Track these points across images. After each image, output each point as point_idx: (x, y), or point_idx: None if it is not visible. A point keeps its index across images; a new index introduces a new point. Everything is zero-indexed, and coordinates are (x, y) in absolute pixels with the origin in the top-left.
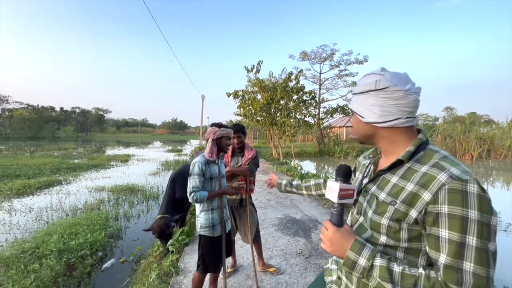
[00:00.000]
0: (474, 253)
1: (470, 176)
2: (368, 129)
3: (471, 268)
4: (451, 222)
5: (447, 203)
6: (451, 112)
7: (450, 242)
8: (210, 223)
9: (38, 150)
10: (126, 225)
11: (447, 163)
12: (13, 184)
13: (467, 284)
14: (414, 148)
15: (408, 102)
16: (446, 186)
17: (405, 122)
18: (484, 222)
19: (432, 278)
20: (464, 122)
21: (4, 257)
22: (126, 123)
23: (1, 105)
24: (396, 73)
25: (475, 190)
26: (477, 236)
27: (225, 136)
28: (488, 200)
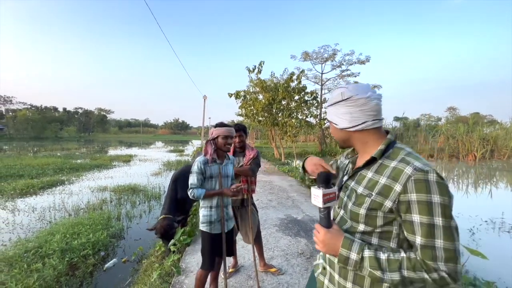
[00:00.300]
0: (442, 231)
1: (429, 167)
2: (343, 134)
3: (442, 244)
4: (420, 207)
5: (415, 192)
6: (454, 112)
7: (422, 224)
8: (208, 220)
9: (41, 150)
10: (128, 225)
11: (411, 158)
12: (16, 184)
13: (440, 258)
14: (384, 146)
15: (370, 107)
16: (412, 177)
17: (372, 124)
18: (445, 204)
19: (413, 259)
20: (467, 122)
21: (8, 256)
22: (128, 124)
23: (5, 105)
24: (358, 85)
25: (434, 178)
26: (441, 216)
27: (220, 135)
28: (445, 186)
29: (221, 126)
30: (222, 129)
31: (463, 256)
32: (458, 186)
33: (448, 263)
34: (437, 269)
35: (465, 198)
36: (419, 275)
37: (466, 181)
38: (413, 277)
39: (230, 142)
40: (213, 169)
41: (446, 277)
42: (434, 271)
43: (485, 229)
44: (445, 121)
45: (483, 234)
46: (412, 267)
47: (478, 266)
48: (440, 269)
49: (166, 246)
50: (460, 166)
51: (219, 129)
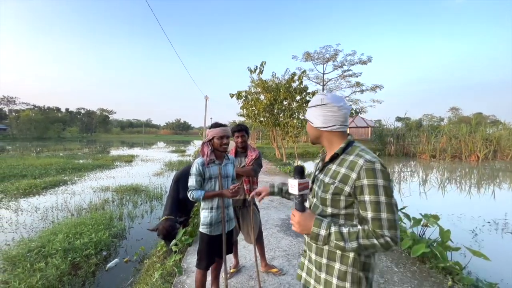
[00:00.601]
0: (385, 207)
1: (376, 159)
2: (316, 132)
3: (385, 216)
4: (369, 189)
5: (366, 178)
6: (456, 113)
7: (371, 202)
8: (208, 221)
9: (44, 150)
10: (130, 225)
11: (363, 153)
12: (19, 184)
13: (385, 227)
14: (345, 145)
15: (340, 115)
16: (363, 167)
17: (339, 128)
18: (386, 186)
19: (366, 230)
20: (469, 122)
21: (11, 255)
22: (130, 124)
23: (8, 106)
24: (335, 95)
25: (379, 167)
26: (385, 195)
27: (215, 135)
28: (387, 173)
29: (215, 127)
30: (216, 129)
31: (465, 257)
32: (461, 186)
33: (391, 230)
34: (383, 235)
35: (467, 199)
36: (371, 241)
37: (469, 181)
38: (367, 244)
39: (226, 142)
40: (213, 170)
41: (389, 241)
42: (381, 237)
43: (488, 230)
44: (447, 122)
45: (486, 235)
46: (366, 236)
47: (480, 267)
48: (385, 235)
49: (168, 247)
50: (463, 166)
51: (214, 129)
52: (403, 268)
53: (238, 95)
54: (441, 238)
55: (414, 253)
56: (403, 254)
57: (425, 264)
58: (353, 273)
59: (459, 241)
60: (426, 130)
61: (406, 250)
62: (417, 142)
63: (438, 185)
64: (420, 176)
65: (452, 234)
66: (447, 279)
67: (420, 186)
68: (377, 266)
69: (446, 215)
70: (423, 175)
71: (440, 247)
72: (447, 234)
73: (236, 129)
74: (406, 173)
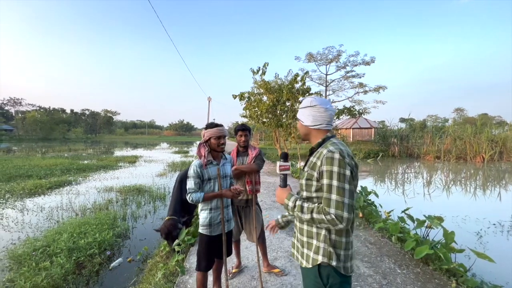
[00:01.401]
0: (336, 189)
1: (336, 150)
2: (306, 129)
3: (335, 197)
4: (326, 174)
5: (325, 164)
6: (461, 114)
7: (326, 185)
8: (208, 222)
9: (49, 151)
10: (133, 225)
11: (330, 145)
12: (25, 184)
13: (332, 206)
14: (321, 140)
15: (327, 115)
16: (325, 156)
17: (325, 127)
18: (340, 173)
19: (319, 206)
20: (475, 123)
21: (17, 254)
22: (134, 125)
23: (15, 107)
24: (323, 98)
25: (337, 156)
26: (337, 180)
27: (212, 136)
28: (344, 162)
29: (211, 127)
30: (213, 129)
31: (470, 259)
32: (466, 188)
33: (337, 210)
34: (329, 212)
35: (472, 200)
36: (321, 216)
37: (474, 183)
38: (318, 218)
39: (223, 142)
40: (211, 170)
41: (334, 219)
42: (328, 214)
43: (493, 232)
44: (452, 122)
45: (491, 237)
46: (317, 212)
47: (485, 269)
48: (330, 212)
49: (170, 247)
50: (468, 168)
51: (210, 130)
52: (406, 270)
53: (241, 96)
54: (445, 240)
55: (418, 255)
56: (406, 255)
57: (429, 266)
58: (324, 248)
59: (464, 243)
60: (431, 131)
61: (410, 251)
62: (421, 143)
63: (443, 187)
64: (425, 177)
65: (457, 236)
66: (451, 281)
67: (424, 188)
68: (352, 246)
69: (450, 217)
70: (427, 177)
71: (444, 249)
72: (451, 235)
73: (240, 127)
74: (410, 174)
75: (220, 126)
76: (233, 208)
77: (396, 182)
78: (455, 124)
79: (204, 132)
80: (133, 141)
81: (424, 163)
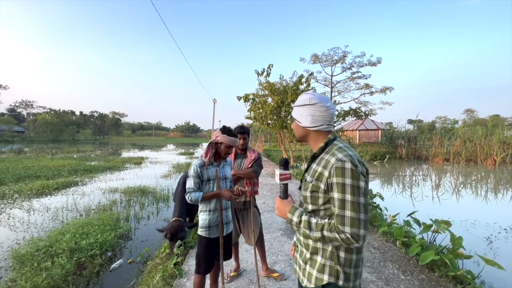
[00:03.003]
0: (350, 205)
1: (347, 157)
2: (303, 131)
3: (349, 214)
4: (337, 187)
5: (335, 176)
6: (471, 115)
7: (338, 200)
8: (206, 224)
9: (58, 152)
10: (136, 226)
11: (337, 151)
12: (33, 184)
13: (347, 223)
14: (324, 144)
15: (328, 115)
16: (334, 166)
17: (326, 128)
18: (354, 185)
19: (331, 223)
20: (486, 125)
21: (20, 254)
22: (141, 127)
23: (26, 109)
24: (322, 95)
25: (349, 166)
26: (351, 194)
27: (225, 143)
28: (357, 172)
29: (229, 135)
30: (228, 138)
31: (479, 265)
32: (476, 191)
33: (352, 228)
34: (343, 231)
35: (483, 204)
36: (333, 235)
37: (485, 186)
38: (330, 236)
39: (231, 152)
40: (211, 171)
41: (350, 238)
42: (342, 233)
43: (504, 237)
44: (462, 124)
45: (502, 242)
46: (329, 229)
47: (495, 277)
48: (345, 231)
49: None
50: (478, 170)
51: (226, 137)
52: (410, 276)
53: (246, 97)
54: (452, 245)
55: (423, 261)
56: (411, 261)
57: (434, 273)
58: (330, 266)
59: (473, 249)
60: (439, 132)
61: (414, 257)
62: (430, 145)
63: (452, 190)
64: (433, 180)
65: (465, 241)
66: None
67: (433, 191)
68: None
69: (459, 221)
70: (436, 179)
71: (451, 255)
72: (458, 241)
73: (239, 131)
74: (418, 177)
75: (236, 137)
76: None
77: (403, 185)
78: (465, 126)
79: (218, 134)
80: (140, 142)
81: (433, 166)
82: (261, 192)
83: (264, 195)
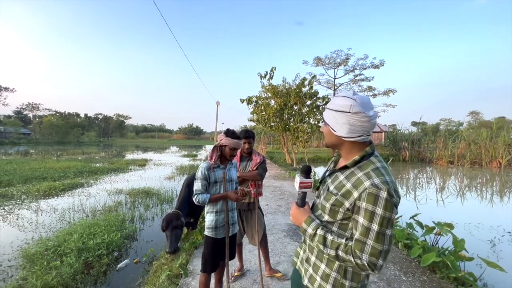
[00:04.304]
0: (375, 235)
1: (385, 185)
2: (337, 140)
3: (371, 243)
4: (365, 213)
5: (366, 201)
6: (476, 117)
7: (362, 225)
8: (213, 225)
9: (63, 154)
10: (141, 227)
11: (374, 174)
12: (40, 186)
13: (366, 252)
14: (359, 158)
15: (370, 125)
16: (367, 190)
17: (364, 138)
18: (385, 217)
19: (348, 245)
20: (490, 127)
21: (30, 254)
22: (145, 129)
23: (33, 112)
24: (364, 99)
25: (384, 195)
26: (378, 224)
27: (229, 145)
28: (391, 203)
29: (232, 137)
30: (232, 141)
31: (481, 268)
32: (481, 194)
33: (371, 257)
34: (361, 258)
35: (488, 207)
36: (349, 257)
37: (490, 189)
38: (344, 257)
39: (236, 154)
40: (217, 174)
41: (365, 265)
42: (359, 259)
43: (508, 240)
44: (466, 126)
45: (505, 245)
46: (345, 251)
47: (497, 279)
48: (363, 258)
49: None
50: (483, 173)
51: (230, 140)
52: (411, 278)
53: (249, 100)
54: (454, 247)
55: (424, 262)
56: (412, 263)
57: (436, 274)
58: (336, 279)
59: (475, 251)
60: (443, 135)
61: (416, 258)
62: (434, 147)
63: (457, 193)
64: (437, 182)
65: (468, 244)
66: None
67: (437, 193)
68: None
69: (462, 224)
70: (440, 182)
71: (452, 257)
72: (461, 243)
73: (244, 135)
74: (422, 180)
75: (240, 140)
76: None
77: (407, 187)
78: (469, 128)
79: (222, 138)
80: (143, 144)
81: (437, 168)
82: (264, 194)
83: (267, 197)
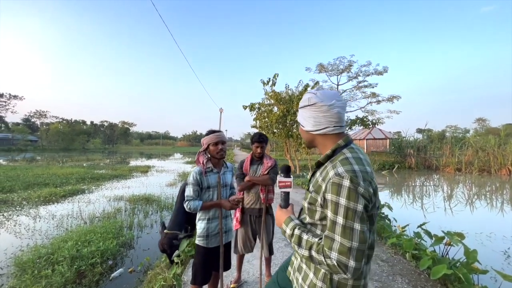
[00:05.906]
0: (341, 229)
1: (348, 173)
2: (308, 135)
3: (338, 239)
4: (330, 205)
5: (330, 192)
6: (483, 124)
7: (329, 220)
8: (205, 233)
9: (68, 160)
10: (138, 234)
11: (340, 163)
12: (41, 192)
13: (335, 249)
14: (331, 152)
15: (332, 114)
16: (331, 180)
17: (333, 130)
18: (349, 207)
19: (320, 244)
20: (498, 134)
21: (22, 262)
22: (149, 136)
23: (40, 119)
24: (326, 92)
25: (347, 184)
26: (343, 216)
27: (210, 143)
28: (356, 192)
29: (208, 134)
30: (210, 136)
31: (496, 281)
32: (491, 202)
33: (340, 256)
34: (329, 256)
35: (499, 216)
36: (320, 257)
37: (500, 197)
38: (317, 258)
39: (222, 148)
40: (211, 178)
41: (336, 266)
42: (328, 258)
43: None
44: (473, 133)
45: None
46: (317, 250)
47: None
48: (332, 257)
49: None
50: (492, 181)
51: (207, 137)
52: None
53: (251, 107)
54: (466, 259)
55: (434, 275)
56: (421, 275)
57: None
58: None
59: (488, 263)
60: (450, 142)
61: (426, 271)
62: (440, 154)
63: (466, 201)
64: (445, 190)
65: (480, 255)
66: None
67: (445, 201)
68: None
69: (473, 234)
70: (448, 190)
71: (465, 269)
72: (473, 254)
73: (257, 139)
74: (429, 187)
75: (217, 132)
76: (245, 218)
77: (414, 195)
78: (476, 135)
79: (203, 140)
80: (148, 151)
81: (444, 176)
82: None
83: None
